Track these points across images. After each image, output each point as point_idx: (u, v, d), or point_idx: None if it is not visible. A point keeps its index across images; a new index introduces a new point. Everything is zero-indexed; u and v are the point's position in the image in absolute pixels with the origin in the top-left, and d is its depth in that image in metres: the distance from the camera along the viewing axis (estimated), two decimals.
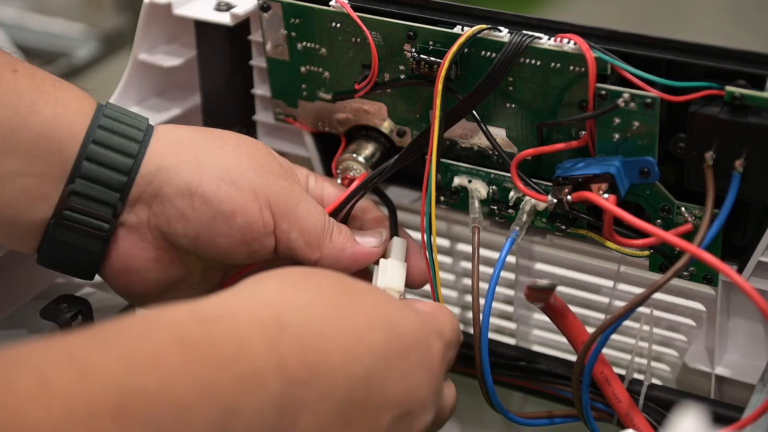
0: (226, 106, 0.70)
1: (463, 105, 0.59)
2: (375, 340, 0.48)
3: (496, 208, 0.62)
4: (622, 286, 0.65)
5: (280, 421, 0.44)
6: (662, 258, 0.59)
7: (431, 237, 0.59)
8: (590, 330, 0.56)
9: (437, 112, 0.58)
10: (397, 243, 0.61)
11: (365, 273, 0.61)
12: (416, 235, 0.71)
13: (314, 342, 0.46)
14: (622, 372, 0.61)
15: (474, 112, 0.60)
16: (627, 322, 0.62)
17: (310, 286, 0.49)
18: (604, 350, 0.57)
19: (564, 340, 0.58)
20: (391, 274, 0.60)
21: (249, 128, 0.71)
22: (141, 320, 0.44)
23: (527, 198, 0.60)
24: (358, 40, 0.62)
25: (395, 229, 0.63)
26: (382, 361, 0.48)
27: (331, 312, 0.48)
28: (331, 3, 0.61)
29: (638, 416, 0.58)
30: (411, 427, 0.50)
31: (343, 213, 0.62)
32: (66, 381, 0.39)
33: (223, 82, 0.70)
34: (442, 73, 0.58)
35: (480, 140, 0.61)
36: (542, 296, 0.56)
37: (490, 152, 0.62)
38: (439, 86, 0.58)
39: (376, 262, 0.60)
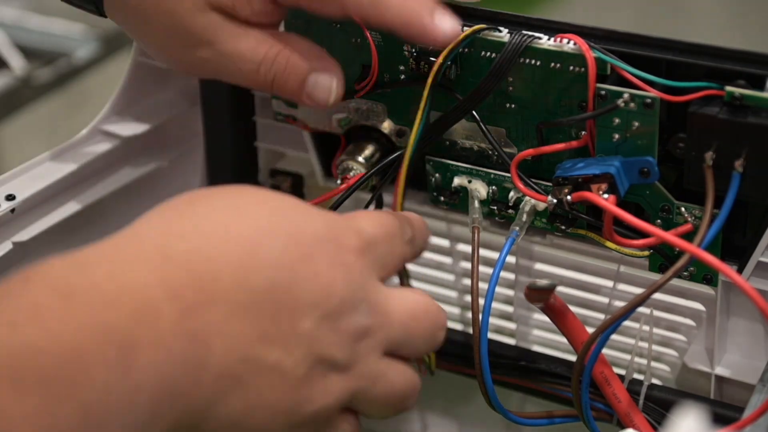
0: (226, 107, 0.70)
1: (462, 105, 0.59)
2: (270, 249, 0.47)
3: (496, 208, 0.62)
4: (621, 286, 0.65)
5: (189, 350, 0.43)
6: (662, 258, 0.59)
7: None
8: (590, 330, 0.56)
9: (423, 103, 0.58)
10: None
11: None
12: None
13: (203, 266, 0.45)
14: (622, 372, 0.61)
15: (474, 112, 0.60)
16: (627, 322, 0.62)
17: (199, 210, 0.48)
18: (604, 350, 0.57)
19: (564, 340, 0.58)
20: None
21: (249, 128, 0.71)
22: (18, 276, 0.42)
23: (527, 198, 0.60)
24: (358, 40, 0.62)
25: None
26: (283, 270, 0.46)
27: (218, 233, 0.46)
28: None
29: (638, 416, 0.58)
30: (339, 327, 0.48)
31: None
32: None
33: (223, 83, 0.69)
34: (434, 69, 0.58)
35: (480, 140, 0.62)
36: (542, 296, 0.56)
37: (490, 152, 0.62)
38: (429, 80, 0.58)
39: None
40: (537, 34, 0.57)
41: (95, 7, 0.59)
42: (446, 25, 0.55)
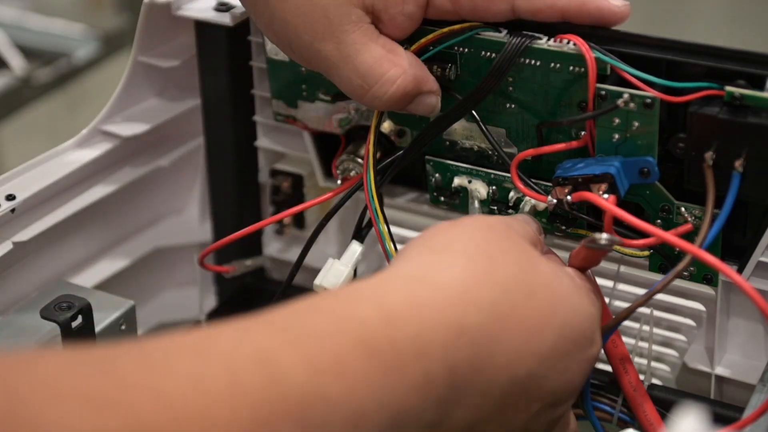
0: (226, 106, 0.70)
1: (462, 105, 0.59)
2: (543, 342, 0.48)
3: (496, 208, 0.62)
4: (622, 286, 0.65)
5: (436, 416, 0.44)
6: (662, 258, 0.59)
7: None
8: None
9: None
10: (353, 248, 0.61)
11: None
12: (412, 234, 0.71)
13: (486, 343, 0.46)
14: None
15: (474, 112, 0.60)
16: (627, 322, 0.62)
17: (498, 277, 0.48)
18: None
19: None
20: (331, 276, 0.59)
21: (249, 128, 0.71)
22: (327, 317, 0.43)
23: (527, 198, 0.60)
24: None
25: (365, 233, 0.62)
26: (545, 363, 0.48)
27: (509, 313, 0.47)
28: None
29: (650, 407, 0.57)
30: (557, 410, 0.50)
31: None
32: (255, 385, 0.39)
33: (223, 82, 0.70)
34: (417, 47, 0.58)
35: (480, 140, 0.61)
36: (596, 258, 0.54)
37: (490, 152, 0.62)
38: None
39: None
40: (537, 35, 0.57)
41: None
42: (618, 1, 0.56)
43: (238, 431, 0.38)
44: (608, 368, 0.57)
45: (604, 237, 0.52)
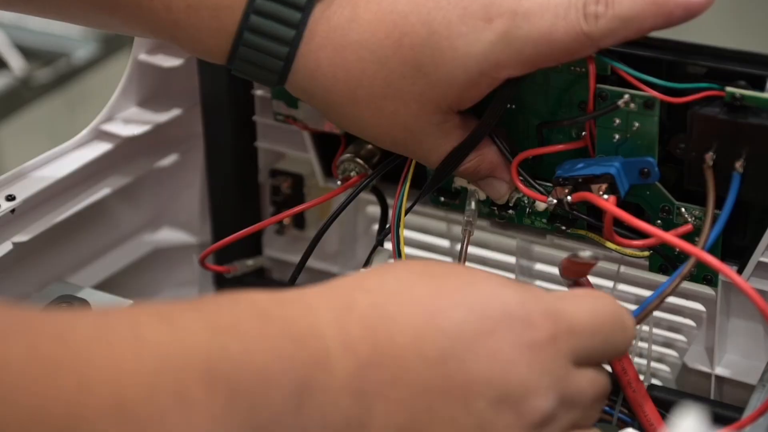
0: (226, 107, 0.70)
1: (481, 127, 0.57)
2: (448, 319, 0.45)
3: (496, 208, 0.62)
4: (622, 287, 0.65)
5: (354, 407, 0.43)
6: (662, 258, 0.59)
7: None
8: None
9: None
10: (382, 256, 0.61)
11: None
12: (414, 235, 0.71)
13: (380, 322, 0.45)
14: None
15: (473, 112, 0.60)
16: None
17: (389, 270, 0.48)
18: None
19: None
20: None
21: (249, 128, 0.71)
22: (223, 295, 0.45)
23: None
24: None
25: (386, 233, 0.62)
26: (458, 342, 0.45)
27: (401, 292, 0.46)
28: None
29: (651, 407, 0.57)
30: (519, 413, 0.45)
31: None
32: (158, 339, 0.40)
33: (223, 82, 0.69)
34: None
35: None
36: (582, 270, 0.54)
37: None
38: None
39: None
40: None
41: (278, 79, 0.57)
42: None
43: (143, 380, 0.39)
44: (608, 368, 0.57)
45: (587, 252, 0.51)
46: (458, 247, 0.71)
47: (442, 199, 0.63)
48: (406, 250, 0.60)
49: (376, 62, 0.55)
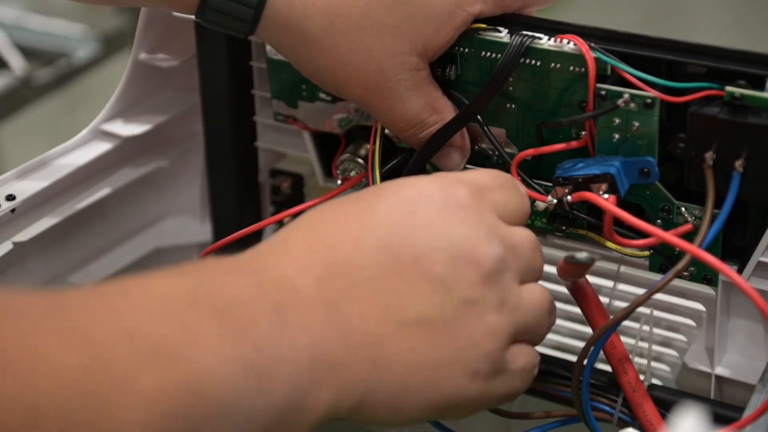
0: (226, 106, 0.70)
1: (468, 110, 0.58)
2: (377, 211, 0.49)
3: None
4: (622, 286, 0.65)
5: (330, 314, 0.46)
6: (662, 258, 0.59)
7: None
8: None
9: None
10: None
11: None
12: None
13: (319, 243, 0.48)
14: None
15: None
16: (627, 323, 0.62)
17: (328, 204, 0.51)
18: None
19: (564, 340, 0.58)
20: None
21: (249, 128, 0.71)
22: (191, 263, 0.48)
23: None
24: None
25: None
26: (392, 228, 0.48)
27: (323, 217, 0.50)
28: None
29: (650, 406, 0.57)
30: (475, 263, 0.48)
31: None
32: (143, 281, 0.44)
33: (223, 82, 0.70)
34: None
35: (480, 140, 0.61)
36: (579, 271, 0.54)
37: (491, 152, 0.62)
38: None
39: None
40: (537, 35, 0.57)
41: (248, 27, 0.57)
42: None
43: (155, 317, 0.42)
44: (608, 368, 0.57)
45: (583, 254, 0.52)
46: None
47: None
48: None
49: None
